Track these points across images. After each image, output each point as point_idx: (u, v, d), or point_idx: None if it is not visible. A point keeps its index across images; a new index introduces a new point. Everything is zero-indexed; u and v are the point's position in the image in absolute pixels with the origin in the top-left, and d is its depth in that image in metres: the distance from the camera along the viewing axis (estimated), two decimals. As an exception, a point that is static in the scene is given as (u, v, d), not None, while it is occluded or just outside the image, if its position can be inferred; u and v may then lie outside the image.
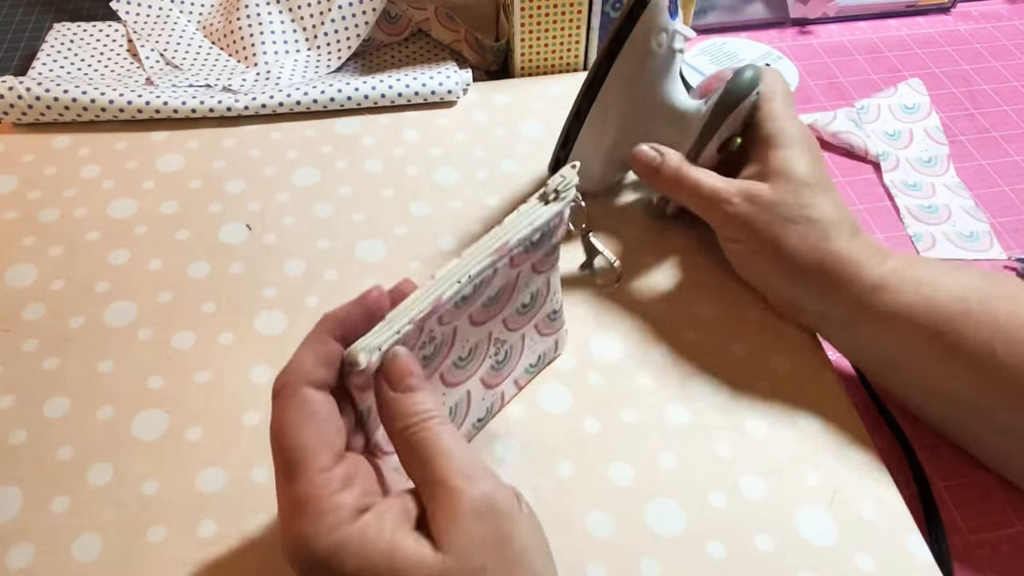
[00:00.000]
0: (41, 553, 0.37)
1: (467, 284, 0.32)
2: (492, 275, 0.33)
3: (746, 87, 0.44)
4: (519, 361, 0.40)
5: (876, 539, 0.38)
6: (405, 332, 0.29)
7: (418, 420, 0.28)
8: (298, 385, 0.28)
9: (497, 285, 0.35)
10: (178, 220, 0.52)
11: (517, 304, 0.38)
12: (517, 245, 0.33)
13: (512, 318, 0.38)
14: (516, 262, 0.34)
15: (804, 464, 0.41)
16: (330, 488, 0.26)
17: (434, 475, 0.27)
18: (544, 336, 0.41)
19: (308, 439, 0.27)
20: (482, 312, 0.35)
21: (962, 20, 0.74)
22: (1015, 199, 0.58)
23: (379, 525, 0.26)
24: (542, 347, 0.42)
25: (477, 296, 0.33)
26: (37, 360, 0.44)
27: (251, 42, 0.63)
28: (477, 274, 0.32)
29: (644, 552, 0.37)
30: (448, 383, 0.36)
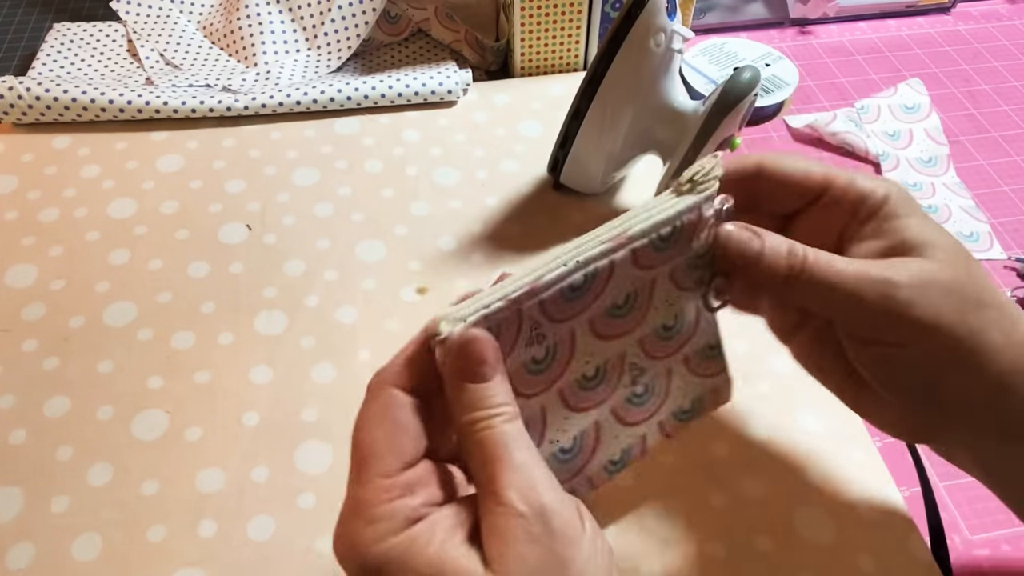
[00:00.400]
0: (41, 553, 0.37)
1: (575, 270, 0.28)
2: (609, 269, 0.29)
3: (745, 87, 0.44)
4: (665, 401, 0.34)
5: (876, 539, 0.38)
6: (495, 307, 0.27)
7: (485, 416, 0.26)
8: (384, 384, 0.27)
9: (623, 289, 0.30)
10: (178, 220, 0.52)
11: (656, 324, 0.32)
12: (640, 236, 0.29)
13: (651, 341, 0.32)
14: (643, 261, 0.30)
15: (804, 464, 0.41)
16: (388, 495, 0.25)
17: (490, 484, 0.25)
18: (698, 377, 0.34)
19: (378, 441, 0.26)
20: (608, 322, 0.30)
21: (962, 20, 0.74)
22: (1015, 199, 0.58)
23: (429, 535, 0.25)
24: (696, 390, 0.35)
25: (593, 293, 0.29)
26: (37, 360, 0.44)
27: (251, 42, 0.63)
28: (587, 261, 0.28)
29: (644, 552, 0.37)
30: (570, 405, 0.31)
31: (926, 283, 0.28)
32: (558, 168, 0.52)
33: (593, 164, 0.50)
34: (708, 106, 0.45)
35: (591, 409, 0.32)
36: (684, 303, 0.32)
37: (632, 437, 0.34)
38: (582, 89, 0.47)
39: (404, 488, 0.25)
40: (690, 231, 0.30)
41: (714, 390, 0.35)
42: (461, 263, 0.50)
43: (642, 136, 0.49)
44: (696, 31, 0.69)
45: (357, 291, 0.48)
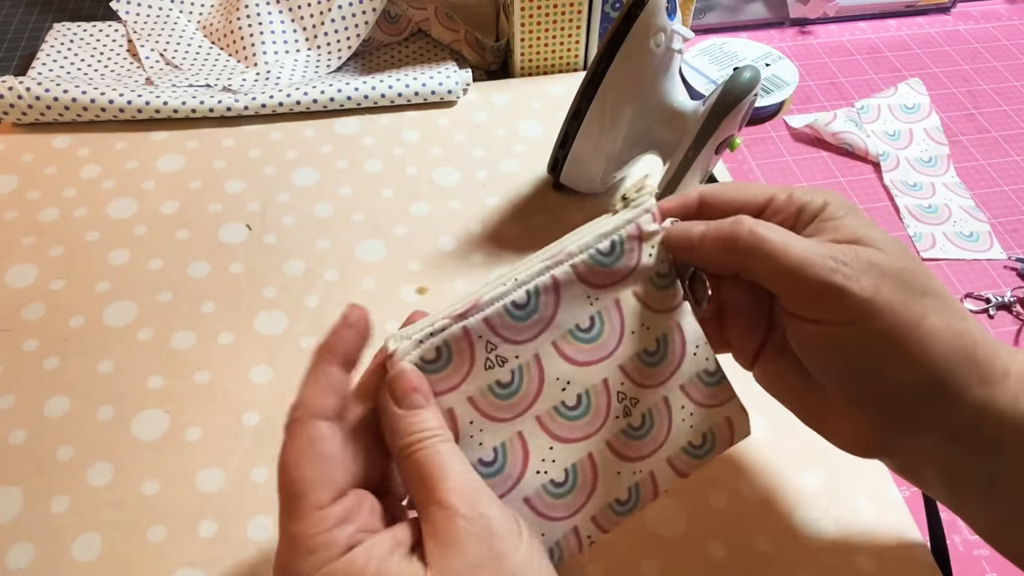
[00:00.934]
0: (41, 553, 0.37)
1: (515, 287, 0.29)
2: (553, 286, 0.30)
3: (745, 87, 0.44)
4: (669, 435, 0.32)
5: (876, 539, 0.38)
6: (440, 324, 0.28)
7: (420, 438, 0.27)
8: (305, 419, 0.27)
9: (583, 310, 0.31)
10: (178, 220, 0.52)
11: (637, 349, 0.32)
12: (579, 252, 0.30)
13: (635, 368, 0.32)
14: (589, 278, 0.30)
15: (804, 464, 0.41)
16: (323, 526, 0.26)
17: (431, 495, 0.26)
18: (703, 407, 0.33)
19: (308, 475, 0.26)
20: (578, 347, 0.31)
21: (962, 20, 0.74)
22: (1015, 199, 0.58)
23: (366, 557, 0.25)
24: (706, 423, 0.33)
25: (544, 312, 0.30)
26: (37, 360, 0.44)
27: (251, 42, 0.63)
28: (526, 279, 0.29)
29: (644, 552, 0.37)
30: (554, 434, 0.31)
31: (868, 263, 0.29)
32: (558, 168, 0.52)
33: (593, 164, 0.50)
34: (708, 106, 0.45)
35: (580, 441, 0.31)
36: (663, 327, 0.32)
37: (639, 475, 0.32)
38: (582, 89, 0.47)
39: (339, 519, 0.26)
40: (632, 245, 0.31)
41: (727, 422, 0.34)
42: (461, 263, 0.50)
43: (642, 136, 0.49)
44: (696, 31, 0.69)
45: (357, 291, 0.48)
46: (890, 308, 0.28)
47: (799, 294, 0.30)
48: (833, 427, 0.33)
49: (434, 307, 0.30)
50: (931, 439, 0.30)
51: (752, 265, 0.30)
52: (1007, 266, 0.53)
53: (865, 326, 0.28)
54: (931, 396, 0.29)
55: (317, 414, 0.27)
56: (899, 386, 0.29)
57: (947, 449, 0.30)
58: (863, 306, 0.28)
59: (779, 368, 0.34)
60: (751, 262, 0.30)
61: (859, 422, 0.31)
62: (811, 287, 0.29)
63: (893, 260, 0.29)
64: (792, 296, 0.30)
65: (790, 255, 0.29)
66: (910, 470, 0.32)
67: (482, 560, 0.25)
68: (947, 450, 0.30)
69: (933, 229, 0.55)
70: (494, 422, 0.30)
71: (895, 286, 0.29)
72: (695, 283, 0.33)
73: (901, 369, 0.29)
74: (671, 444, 0.33)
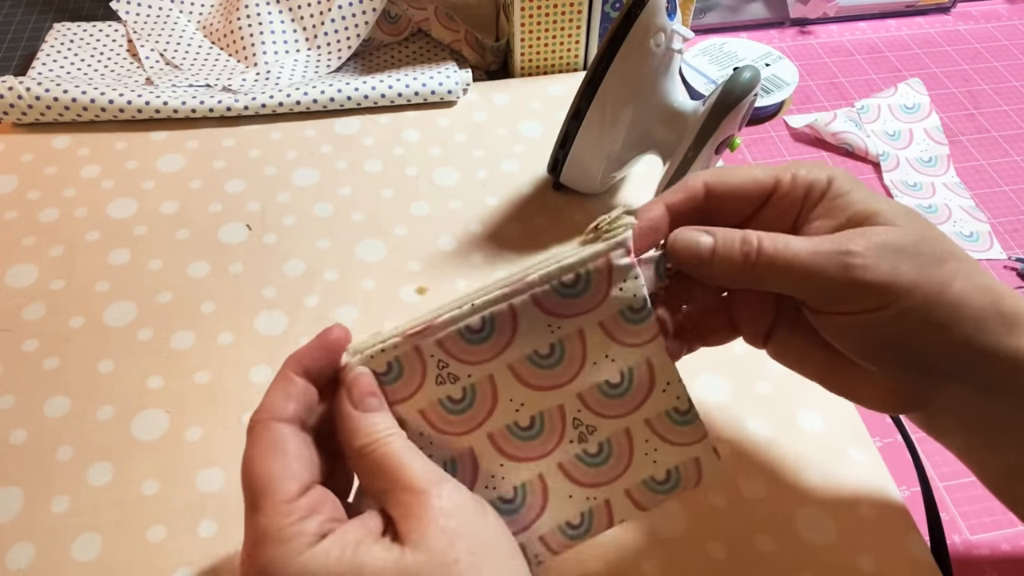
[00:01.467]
0: (41, 553, 0.37)
1: (471, 313, 0.29)
2: (510, 314, 0.29)
3: (745, 87, 0.44)
4: (629, 467, 0.32)
5: (876, 539, 0.38)
6: (391, 342, 0.29)
7: (379, 437, 0.28)
8: (267, 421, 0.28)
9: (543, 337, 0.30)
10: (178, 220, 0.52)
11: (597, 379, 0.31)
12: (540, 283, 0.29)
13: (594, 397, 0.31)
14: (549, 308, 0.30)
15: (804, 464, 0.41)
16: (292, 517, 0.26)
17: (397, 483, 0.27)
18: (670, 444, 0.32)
19: (272, 471, 0.27)
20: (535, 371, 0.30)
21: (962, 20, 0.74)
22: (1015, 199, 0.58)
23: (341, 543, 0.26)
24: (671, 460, 0.32)
25: (500, 337, 0.30)
26: (37, 360, 0.44)
27: (251, 42, 0.63)
28: (483, 305, 0.29)
29: (644, 552, 0.37)
30: (506, 452, 0.31)
31: (881, 246, 0.29)
32: (558, 168, 0.52)
33: (593, 164, 0.50)
34: (708, 106, 0.45)
35: (532, 460, 0.31)
36: (630, 360, 0.31)
37: (592, 501, 0.32)
38: (582, 89, 0.47)
39: (307, 510, 0.26)
40: (601, 279, 0.29)
41: (694, 462, 0.32)
42: (461, 263, 0.50)
43: (642, 136, 0.49)
44: (696, 31, 0.69)
45: (357, 291, 0.48)
46: (913, 285, 0.28)
47: (820, 296, 0.30)
48: (861, 392, 0.33)
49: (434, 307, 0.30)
50: (964, 392, 0.30)
51: (765, 282, 0.30)
52: (1007, 266, 0.53)
53: (893, 308, 0.29)
54: (966, 354, 0.29)
55: (278, 417, 0.28)
56: (936, 353, 0.29)
57: (979, 400, 0.30)
58: (886, 291, 0.28)
59: (795, 345, 0.34)
60: (763, 281, 0.30)
61: (889, 385, 0.31)
62: (830, 287, 0.29)
63: (907, 233, 0.29)
64: (813, 299, 0.30)
65: (799, 262, 0.29)
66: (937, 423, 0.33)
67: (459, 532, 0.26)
68: (979, 401, 0.30)
69: (933, 229, 0.55)
70: (445, 435, 0.30)
71: (914, 261, 0.29)
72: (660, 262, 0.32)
73: (936, 337, 0.29)
74: (630, 476, 0.32)
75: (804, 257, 0.29)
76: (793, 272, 0.29)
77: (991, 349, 0.29)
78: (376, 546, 0.26)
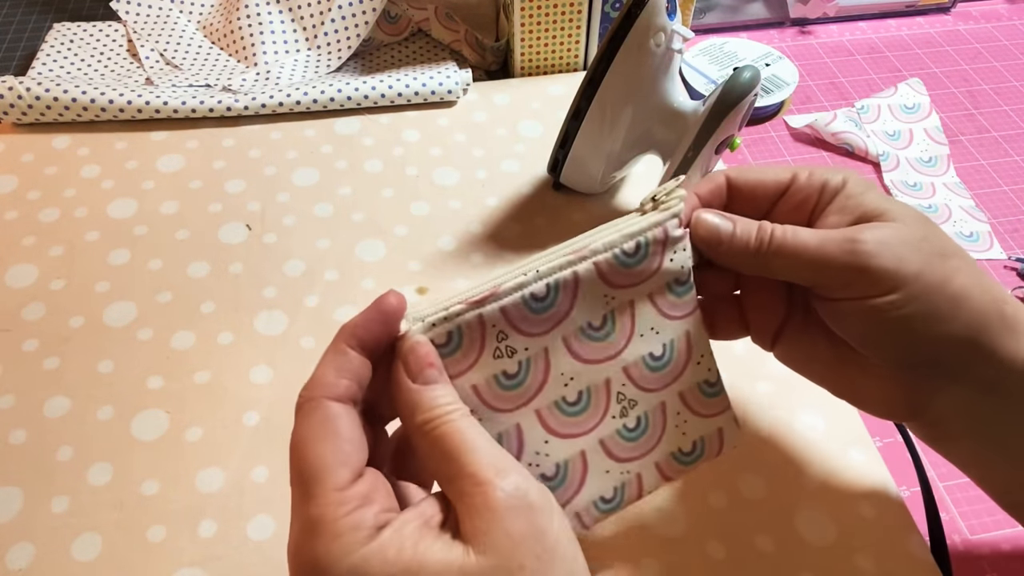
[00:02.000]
0: (41, 553, 0.37)
1: (535, 279, 0.29)
2: (573, 281, 0.29)
3: (745, 87, 0.44)
4: (661, 439, 0.33)
5: (876, 539, 0.38)
6: (455, 309, 0.27)
7: (441, 413, 0.26)
8: (319, 399, 0.26)
9: (598, 308, 0.30)
10: (178, 220, 0.52)
11: (643, 352, 0.31)
12: (603, 250, 0.29)
13: (638, 370, 0.32)
14: (610, 277, 0.30)
15: (804, 464, 0.41)
16: (346, 507, 0.24)
17: (462, 470, 0.25)
18: (699, 417, 0.33)
19: (325, 455, 0.25)
20: (587, 344, 0.30)
21: (962, 20, 0.74)
22: (1015, 199, 0.58)
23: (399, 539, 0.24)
24: (698, 431, 0.33)
25: (561, 307, 0.29)
26: (37, 360, 0.44)
27: (251, 42, 0.63)
28: (548, 271, 0.29)
29: (644, 552, 0.37)
30: (551, 428, 0.30)
31: (888, 237, 0.30)
32: (558, 168, 0.52)
33: (593, 164, 0.50)
34: (708, 106, 0.45)
35: (576, 437, 0.31)
36: (672, 333, 0.32)
37: (626, 475, 0.32)
38: (582, 89, 0.47)
39: (361, 498, 0.25)
40: (656, 249, 0.31)
41: (718, 432, 0.34)
42: (461, 263, 0.50)
43: (642, 136, 0.49)
44: (696, 31, 0.69)
45: (357, 291, 0.48)
46: (918, 273, 0.29)
47: (826, 282, 0.31)
48: (866, 395, 0.33)
49: (492, 276, 0.29)
50: (967, 394, 0.31)
51: (776, 268, 0.32)
52: (1007, 266, 0.53)
53: (897, 295, 0.30)
54: (968, 350, 0.30)
55: (330, 395, 0.26)
56: (938, 343, 0.30)
57: (982, 404, 0.31)
58: (891, 277, 0.29)
59: (803, 345, 0.35)
60: (775, 266, 0.31)
61: (894, 386, 0.32)
62: (836, 273, 0.30)
63: (913, 229, 0.30)
64: (821, 285, 0.31)
65: (809, 250, 0.30)
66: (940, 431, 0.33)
67: (525, 535, 0.24)
68: (982, 405, 0.31)
69: (933, 229, 0.55)
70: (495, 411, 0.29)
71: (918, 253, 0.30)
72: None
73: (938, 327, 0.30)
74: (661, 449, 0.33)
75: (813, 244, 0.30)
76: (802, 258, 0.31)
77: (993, 349, 0.30)
78: (437, 543, 0.24)
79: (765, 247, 0.31)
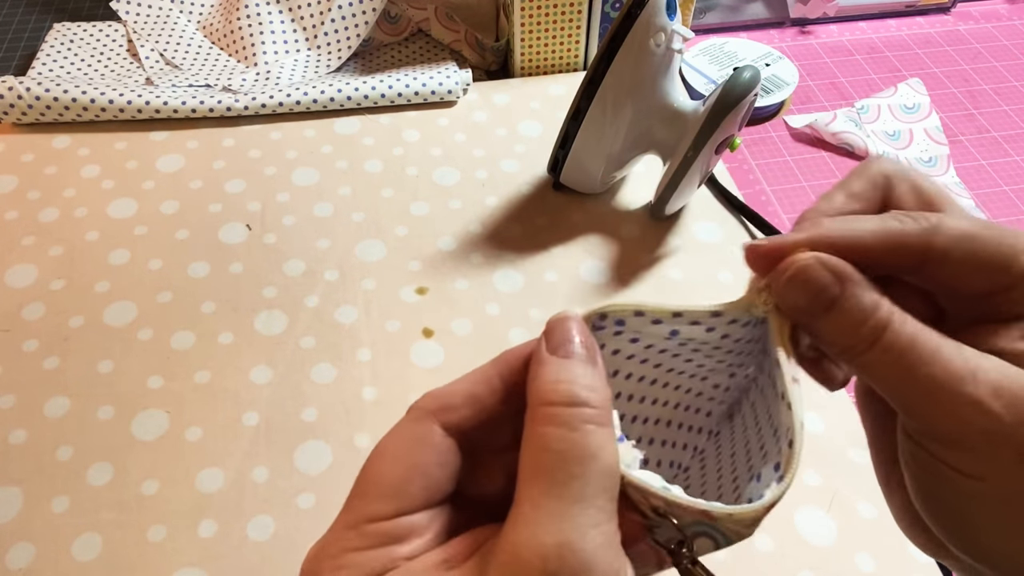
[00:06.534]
0: (41, 553, 0.37)
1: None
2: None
3: (745, 87, 0.44)
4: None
5: (876, 539, 0.38)
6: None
7: (562, 403, 0.20)
8: (427, 415, 0.22)
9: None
10: (178, 220, 0.52)
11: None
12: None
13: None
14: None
15: (804, 464, 0.41)
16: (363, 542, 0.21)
17: (520, 492, 0.20)
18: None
19: (386, 477, 0.22)
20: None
21: (962, 20, 0.74)
22: (1015, 199, 0.58)
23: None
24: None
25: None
26: (37, 360, 0.44)
27: (251, 42, 0.63)
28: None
29: (644, 552, 0.37)
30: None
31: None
32: (558, 168, 0.52)
33: (593, 164, 0.50)
34: (708, 106, 0.45)
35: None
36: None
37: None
38: (582, 89, 0.47)
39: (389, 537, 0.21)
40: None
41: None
42: (461, 263, 0.50)
43: (642, 136, 0.49)
44: (696, 31, 0.69)
45: (357, 291, 0.48)
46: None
47: (922, 428, 0.21)
48: (901, 508, 0.25)
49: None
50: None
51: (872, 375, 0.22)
52: (1007, 266, 0.53)
53: (1008, 489, 0.20)
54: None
55: (444, 420, 0.22)
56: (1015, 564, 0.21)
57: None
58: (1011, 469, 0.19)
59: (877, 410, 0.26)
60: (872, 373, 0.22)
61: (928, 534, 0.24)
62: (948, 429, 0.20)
63: None
64: (913, 427, 0.22)
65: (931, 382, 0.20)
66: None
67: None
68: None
69: (933, 229, 0.55)
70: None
71: None
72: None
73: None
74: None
75: (937, 375, 0.20)
76: (905, 388, 0.21)
77: None
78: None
79: (867, 346, 0.21)
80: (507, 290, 0.49)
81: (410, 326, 0.46)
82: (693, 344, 0.25)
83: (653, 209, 0.52)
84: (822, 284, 0.21)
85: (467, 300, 0.48)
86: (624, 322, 0.24)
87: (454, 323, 0.46)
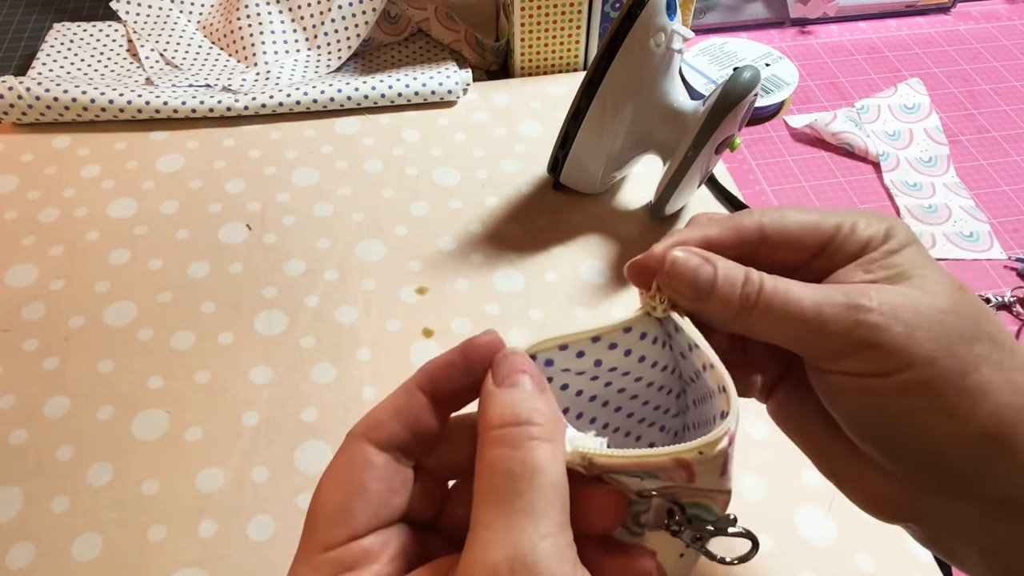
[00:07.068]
0: (41, 553, 0.37)
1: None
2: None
3: (745, 87, 0.44)
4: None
5: (876, 539, 0.38)
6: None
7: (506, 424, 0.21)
8: (358, 438, 0.23)
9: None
10: (178, 220, 0.52)
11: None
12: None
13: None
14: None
15: (804, 464, 0.41)
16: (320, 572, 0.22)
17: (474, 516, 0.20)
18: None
19: (329, 505, 0.22)
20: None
21: (962, 20, 0.74)
22: (1015, 199, 0.57)
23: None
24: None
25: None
26: (37, 360, 0.44)
27: (251, 42, 0.63)
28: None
29: (644, 552, 0.37)
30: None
31: (900, 306, 0.24)
32: (558, 168, 0.52)
33: (593, 164, 0.50)
34: (708, 106, 0.45)
35: None
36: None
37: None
38: (582, 89, 0.47)
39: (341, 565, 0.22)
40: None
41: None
42: (461, 263, 0.50)
43: (642, 136, 0.49)
44: (696, 31, 0.69)
45: (357, 291, 0.48)
46: (929, 357, 0.24)
47: (818, 352, 0.25)
48: (854, 484, 0.29)
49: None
50: (972, 510, 0.25)
51: (760, 330, 0.26)
52: (1007, 266, 0.53)
53: (900, 378, 0.24)
54: (978, 459, 0.24)
55: (372, 437, 0.23)
56: (941, 444, 0.24)
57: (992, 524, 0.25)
58: (895, 356, 0.24)
59: (797, 409, 0.30)
60: (759, 328, 0.26)
61: (886, 481, 0.27)
62: (830, 342, 0.24)
63: (937, 300, 0.24)
64: (811, 354, 0.26)
65: (802, 312, 0.24)
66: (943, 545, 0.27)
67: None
68: (992, 526, 0.25)
69: (933, 229, 0.55)
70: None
71: (935, 332, 0.24)
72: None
73: (944, 425, 0.24)
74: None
75: (808, 305, 0.24)
76: (794, 323, 0.25)
77: (1009, 457, 0.24)
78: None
79: (751, 303, 0.25)
80: (507, 290, 0.49)
81: (410, 326, 0.46)
82: (621, 368, 0.26)
83: (653, 209, 0.52)
84: (696, 265, 0.25)
85: (467, 300, 0.48)
86: (552, 362, 0.25)
87: (454, 323, 0.46)
